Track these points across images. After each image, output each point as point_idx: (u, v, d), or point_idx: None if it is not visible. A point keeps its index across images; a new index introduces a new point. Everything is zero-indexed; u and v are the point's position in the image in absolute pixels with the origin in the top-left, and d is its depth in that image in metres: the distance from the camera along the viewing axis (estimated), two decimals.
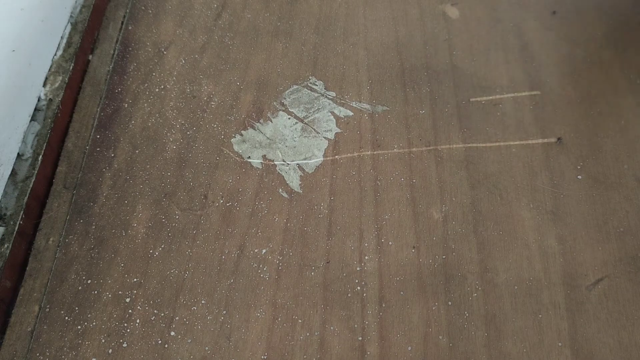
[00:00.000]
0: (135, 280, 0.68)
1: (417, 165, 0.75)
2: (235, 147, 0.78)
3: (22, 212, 0.70)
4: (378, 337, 0.62)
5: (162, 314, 0.65)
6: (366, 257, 0.67)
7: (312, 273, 0.67)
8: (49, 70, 0.82)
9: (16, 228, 0.69)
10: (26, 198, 0.71)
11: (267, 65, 0.86)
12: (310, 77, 0.85)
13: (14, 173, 0.73)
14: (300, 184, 0.74)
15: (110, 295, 0.66)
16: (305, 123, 0.80)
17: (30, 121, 0.77)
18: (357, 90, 0.83)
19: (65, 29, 0.86)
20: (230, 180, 0.75)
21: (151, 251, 0.70)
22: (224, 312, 0.65)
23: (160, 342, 0.63)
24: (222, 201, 0.73)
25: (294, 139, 0.79)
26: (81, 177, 0.76)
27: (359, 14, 0.92)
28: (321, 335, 0.63)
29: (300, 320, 0.64)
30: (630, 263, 0.65)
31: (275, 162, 0.76)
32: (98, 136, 0.79)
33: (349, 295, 0.65)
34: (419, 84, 0.81)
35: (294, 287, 0.66)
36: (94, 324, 0.65)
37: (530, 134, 0.76)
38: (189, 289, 0.67)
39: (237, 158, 0.73)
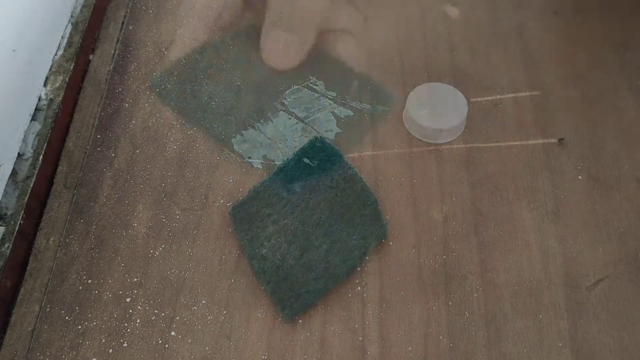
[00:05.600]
0: (135, 280, 0.68)
1: (417, 165, 0.75)
2: (236, 147, 0.78)
3: (22, 211, 0.70)
4: (378, 337, 0.62)
5: (163, 314, 0.65)
6: (367, 258, 0.67)
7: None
8: (50, 70, 0.82)
9: (17, 228, 0.69)
10: (27, 198, 0.71)
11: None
12: (310, 77, 0.85)
13: (14, 173, 0.73)
14: None
15: (110, 295, 0.66)
16: (305, 123, 0.80)
17: (31, 121, 0.77)
18: (358, 90, 0.83)
19: (66, 28, 0.86)
20: (231, 180, 0.75)
21: (152, 251, 0.70)
22: (225, 312, 0.65)
23: (160, 342, 0.63)
24: (222, 201, 0.73)
25: (295, 139, 0.79)
26: (82, 176, 0.76)
27: (360, 15, 0.92)
28: (321, 335, 0.63)
29: (300, 320, 0.64)
30: (631, 263, 0.65)
31: (276, 162, 0.76)
32: (99, 136, 0.79)
33: (350, 295, 0.65)
34: (419, 84, 0.81)
35: None
36: (95, 323, 0.65)
37: (531, 135, 0.76)
38: (190, 288, 0.67)
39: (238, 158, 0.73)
